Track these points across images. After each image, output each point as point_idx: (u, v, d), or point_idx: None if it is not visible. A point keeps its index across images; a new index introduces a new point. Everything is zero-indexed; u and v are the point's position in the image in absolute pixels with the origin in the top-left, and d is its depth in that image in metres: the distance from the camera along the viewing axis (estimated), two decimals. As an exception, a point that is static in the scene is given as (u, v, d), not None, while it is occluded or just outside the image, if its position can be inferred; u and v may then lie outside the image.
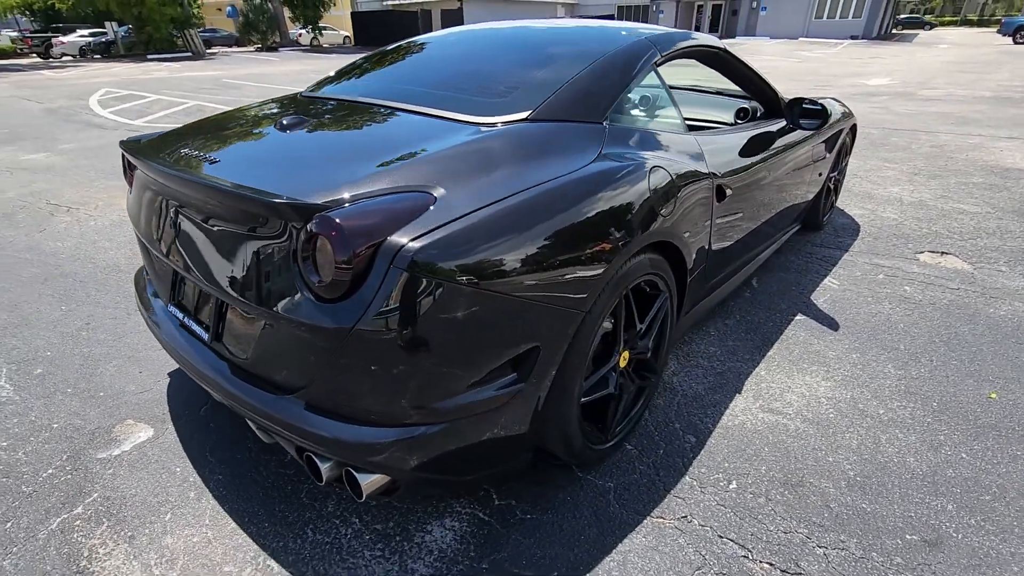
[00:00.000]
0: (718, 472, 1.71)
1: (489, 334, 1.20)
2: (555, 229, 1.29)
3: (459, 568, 1.42)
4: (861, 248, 3.33)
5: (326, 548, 1.49)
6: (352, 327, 1.10)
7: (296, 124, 1.59)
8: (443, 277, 1.11)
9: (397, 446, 1.21)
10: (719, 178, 1.91)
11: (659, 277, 1.68)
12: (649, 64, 1.84)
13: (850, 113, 3.44)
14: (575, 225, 1.32)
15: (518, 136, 1.47)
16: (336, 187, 1.19)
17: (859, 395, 2.04)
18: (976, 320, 2.52)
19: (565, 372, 1.39)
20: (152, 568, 1.43)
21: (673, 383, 2.13)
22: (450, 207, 1.19)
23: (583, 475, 1.70)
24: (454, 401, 1.22)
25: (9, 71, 17.52)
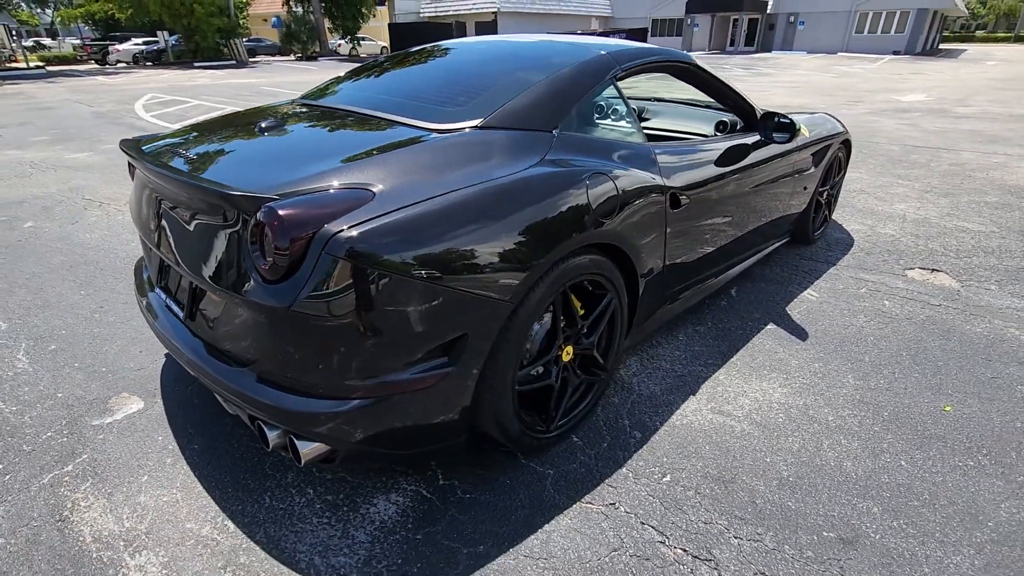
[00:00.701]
0: (655, 466, 1.79)
1: (415, 319, 1.33)
2: (485, 226, 1.41)
3: (395, 537, 1.55)
4: (849, 263, 3.33)
5: (280, 513, 1.63)
6: (289, 306, 1.25)
7: (273, 127, 1.76)
8: (371, 264, 1.25)
9: (332, 417, 1.35)
10: (674, 187, 2.00)
11: (603, 278, 1.78)
12: (607, 78, 1.95)
13: (843, 129, 3.46)
14: (505, 223, 1.44)
15: (464, 141, 1.60)
16: (287, 182, 1.35)
17: (812, 402, 2.09)
18: (949, 336, 2.52)
19: (497, 360, 1.51)
20: (124, 521, 1.60)
21: (632, 382, 2.22)
22: (386, 202, 1.33)
23: (526, 462, 1.80)
24: (384, 378, 1.35)
25: (68, 76, 18.68)
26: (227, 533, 1.56)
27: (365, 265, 1.24)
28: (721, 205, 2.34)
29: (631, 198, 1.79)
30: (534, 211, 1.50)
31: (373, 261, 1.25)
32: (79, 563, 1.46)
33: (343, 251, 1.23)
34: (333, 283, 1.24)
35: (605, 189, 1.68)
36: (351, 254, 1.23)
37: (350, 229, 1.25)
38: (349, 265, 1.23)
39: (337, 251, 1.23)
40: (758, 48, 33.76)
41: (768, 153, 2.60)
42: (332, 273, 1.23)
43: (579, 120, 1.84)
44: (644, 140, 2.02)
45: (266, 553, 1.50)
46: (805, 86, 13.89)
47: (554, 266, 1.56)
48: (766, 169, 2.59)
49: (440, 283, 1.33)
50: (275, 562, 1.48)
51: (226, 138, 1.76)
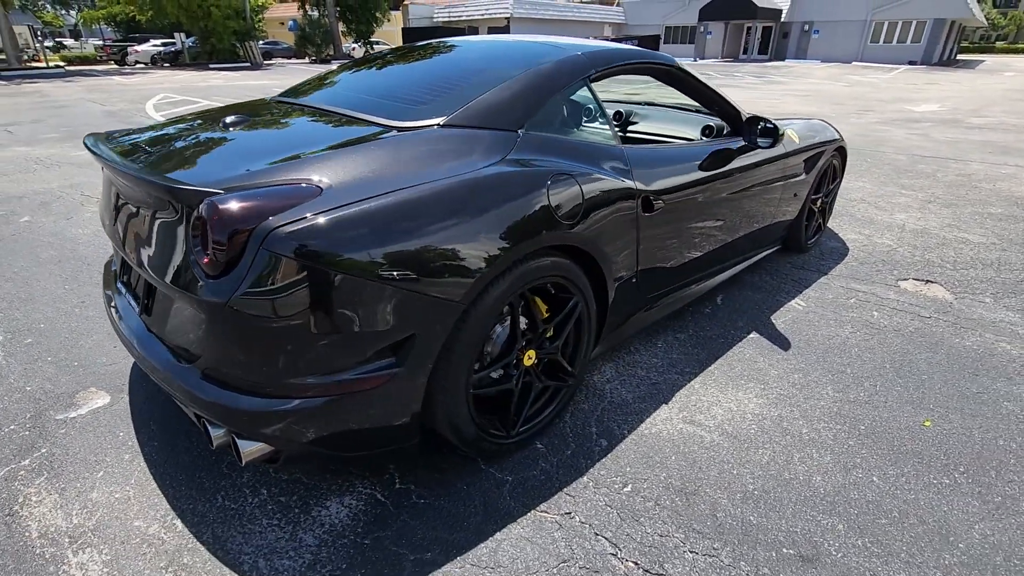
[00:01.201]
0: (617, 476, 1.74)
1: (357, 318, 1.30)
2: (435, 224, 1.38)
3: (343, 542, 1.51)
4: (841, 272, 3.26)
5: (231, 513, 1.61)
6: (227, 302, 1.23)
7: (237, 123, 1.75)
8: (309, 261, 1.22)
9: (272, 416, 1.32)
10: (647, 191, 1.96)
11: (568, 281, 1.74)
12: (580, 79, 1.92)
13: (837, 136, 3.39)
14: (456, 223, 1.41)
15: (422, 139, 1.58)
16: (234, 177, 1.33)
17: (787, 414, 2.03)
18: (937, 349, 2.45)
19: (449, 362, 1.48)
20: (72, 517, 1.58)
21: (605, 389, 2.17)
22: (332, 199, 1.30)
23: (485, 467, 1.77)
24: (325, 378, 1.32)
25: (86, 76, 19.01)
26: (174, 532, 1.54)
27: (303, 262, 1.22)
28: (700, 211, 2.29)
29: (598, 201, 1.75)
30: (488, 211, 1.47)
31: (312, 258, 1.22)
32: (21, 558, 1.45)
33: (281, 247, 1.20)
34: (270, 280, 1.21)
35: (567, 191, 1.65)
36: (289, 250, 1.21)
37: (290, 225, 1.23)
38: (287, 261, 1.21)
39: (275, 247, 1.20)
40: (771, 56, 33.56)
41: (753, 159, 2.55)
42: (269, 269, 1.21)
43: (548, 120, 1.81)
44: (618, 142, 1.98)
45: (211, 554, 1.48)
46: (816, 95, 13.75)
47: (510, 268, 1.53)
48: (750, 175, 2.54)
49: (383, 282, 1.30)
50: (218, 563, 1.45)
51: (191, 134, 1.75)
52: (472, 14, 32.03)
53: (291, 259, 1.21)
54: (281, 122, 1.82)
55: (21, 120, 9.03)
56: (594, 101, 1.98)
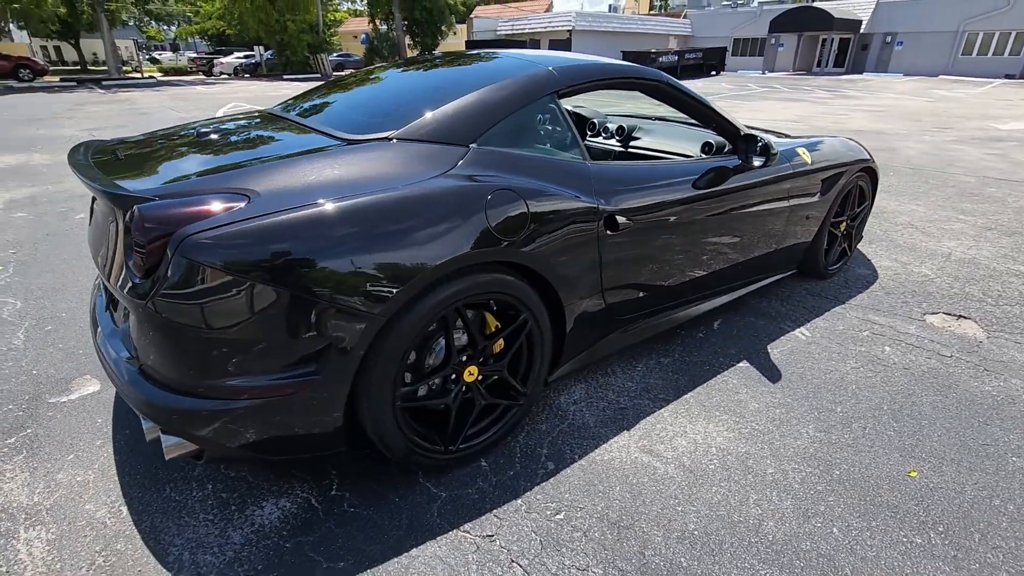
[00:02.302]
0: (554, 501, 1.68)
1: (271, 325, 1.33)
2: (358, 235, 1.39)
3: (267, 543, 1.55)
4: (862, 302, 3.03)
5: (173, 505, 1.68)
6: (146, 303, 1.29)
7: (208, 133, 1.85)
8: (222, 267, 1.27)
9: (191, 415, 1.37)
10: (612, 210, 1.90)
11: (514, 299, 1.71)
12: (546, 94, 1.89)
13: (865, 156, 3.16)
14: (382, 235, 1.42)
15: (367, 151, 1.60)
16: (169, 185, 1.40)
17: (756, 451, 1.90)
18: (948, 393, 2.22)
19: (372, 373, 1.48)
20: (34, 495, 1.70)
21: (569, 411, 2.11)
22: (259, 207, 1.35)
23: (424, 481, 1.76)
24: (240, 381, 1.36)
25: (174, 86, 20.65)
26: (118, 518, 1.63)
27: (216, 268, 1.26)
28: (682, 232, 2.20)
29: (548, 218, 1.71)
30: (417, 224, 1.47)
31: (224, 264, 1.27)
32: (-22, 529, 1.57)
33: (195, 253, 1.26)
34: (184, 283, 1.27)
35: (509, 207, 1.63)
36: (202, 256, 1.26)
37: (206, 232, 1.28)
38: (200, 267, 1.26)
39: (189, 253, 1.26)
40: (848, 69, 31.83)
41: (750, 179, 2.42)
42: (183, 273, 1.26)
43: (506, 136, 1.80)
44: (585, 159, 1.94)
45: (143, 542, 1.55)
46: (890, 110, 12.90)
47: (440, 282, 1.52)
48: (744, 195, 2.41)
49: (299, 291, 1.33)
50: (147, 552, 1.52)
51: (163, 144, 1.86)
52: (535, 27, 32.37)
53: (204, 265, 1.26)
54: (250, 134, 1.91)
55: (106, 126, 9.92)
56: (563, 117, 1.94)
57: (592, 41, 31.35)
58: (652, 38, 34.16)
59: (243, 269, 1.28)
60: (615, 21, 33.22)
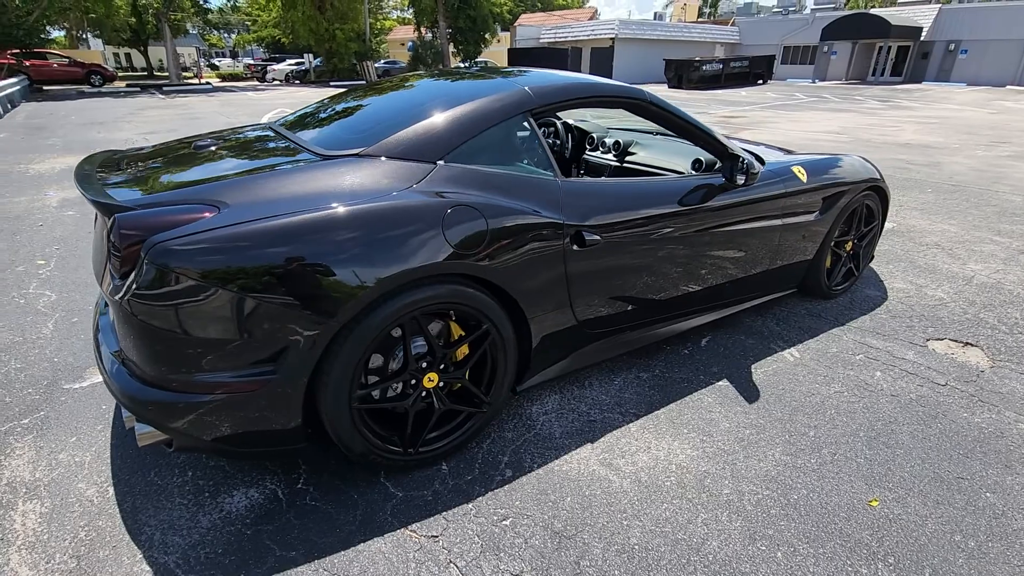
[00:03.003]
0: (503, 508, 1.74)
1: (231, 327, 1.45)
2: (318, 245, 1.49)
3: (230, 529, 1.66)
4: (862, 324, 2.95)
5: (154, 488, 1.82)
6: (122, 302, 1.43)
7: (204, 146, 2.00)
8: (186, 272, 1.39)
9: (161, 407, 1.50)
10: (581, 226, 1.95)
11: (474, 310, 1.78)
12: (518, 113, 1.96)
13: (873, 174, 3.08)
14: (340, 246, 1.52)
15: (335, 167, 1.71)
16: (153, 195, 1.55)
17: (716, 470, 1.90)
18: (933, 422, 2.15)
19: (329, 375, 1.58)
20: (36, 472, 1.88)
21: (538, 420, 2.16)
22: (227, 218, 1.47)
23: (383, 480, 1.84)
24: (204, 377, 1.48)
25: (227, 91, 21.71)
26: (105, 498, 1.78)
27: (181, 272, 1.39)
28: (659, 249, 2.22)
29: (509, 233, 1.78)
30: (375, 236, 1.56)
31: (189, 269, 1.39)
32: (-18, 499, 1.75)
33: (162, 258, 1.38)
34: (153, 285, 1.40)
35: (468, 222, 1.70)
36: (168, 261, 1.38)
37: (175, 240, 1.40)
38: (167, 271, 1.39)
39: (157, 258, 1.39)
40: (906, 78, 30.47)
41: (736, 197, 2.41)
42: (153, 277, 1.39)
43: (475, 153, 1.87)
44: (556, 175, 1.99)
45: (122, 521, 1.69)
46: (946, 122, 12.32)
47: (395, 293, 1.60)
48: (730, 213, 2.40)
49: (259, 296, 1.44)
50: (123, 531, 1.66)
51: (164, 154, 2.02)
52: (577, 35, 32.41)
53: (171, 269, 1.39)
54: (240, 148, 2.05)
55: (159, 129, 10.55)
56: (535, 135, 2.00)
57: (635, 49, 31.13)
58: (698, 46, 33.63)
59: (206, 274, 1.40)
60: (659, 29, 32.89)
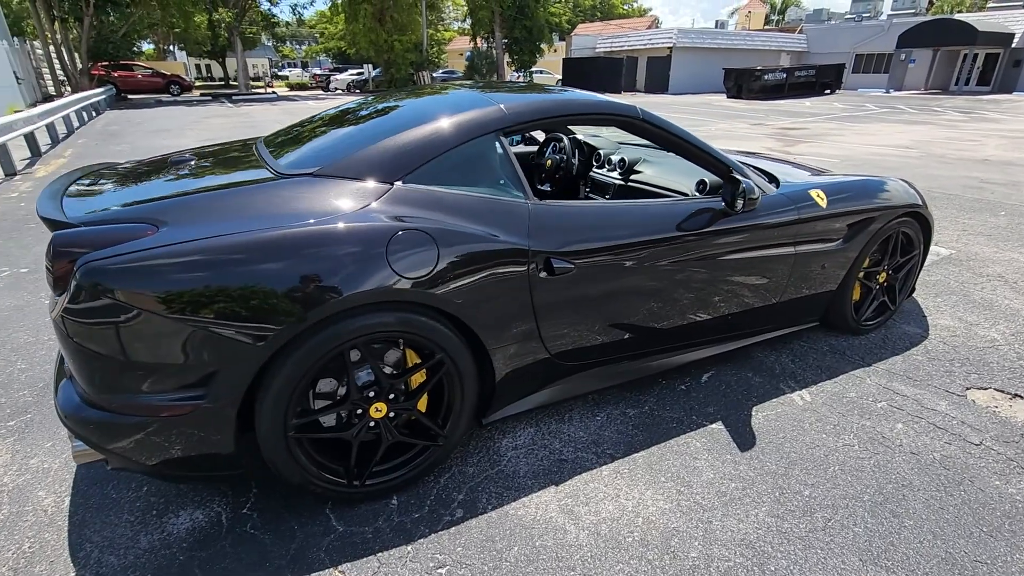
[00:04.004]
0: (443, 554, 1.62)
1: (158, 349, 1.41)
2: (247, 269, 1.44)
3: (165, 552, 1.63)
4: (892, 367, 2.64)
5: (107, 503, 1.82)
6: (55, 319, 1.43)
7: (178, 162, 2.01)
8: (112, 292, 1.37)
9: (90, 425, 1.49)
10: (551, 253, 1.82)
11: (426, 339, 1.68)
12: (488, 133, 1.86)
13: (913, 200, 2.76)
14: (276, 269, 1.46)
15: (286, 187, 1.66)
16: (98, 214, 1.54)
17: (687, 529, 1.71)
18: (955, 489, 1.86)
19: (262, 402, 1.52)
20: (5, 476, 1.93)
21: (505, 456, 2.03)
22: (161, 239, 1.44)
23: (329, 513, 1.77)
24: (136, 399, 1.45)
25: (290, 101, 22.75)
26: (59, 509, 1.80)
27: (106, 291, 1.37)
28: (645, 279, 2.05)
29: (464, 259, 1.67)
30: (309, 261, 1.49)
31: (115, 289, 1.37)
32: (-53, 502, 1.80)
33: (88, 277, 1.37)
34: (80, 303, 1.38)
35: (417, 247, 1.60)
36: (95, 280, 1.37)
37: (104, 259, 1.38)
38: (92, 290, 1.37)
39: (84, 277, 1.37)
40: (995, 88, 28.15)
41: (736, 223, 2.20)
42: (80, 295, 1.38)
43: (438, 173, 1.78)
44: (527, 198, 1.87)
45: (67, 535, 1.70)
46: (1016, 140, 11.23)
47: (335, 319, 1.53)
48: (729, 241, 2.20)
49: (186, 320, 1.40)
50: (65, 546, 1.66)
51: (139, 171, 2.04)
52: (634, 44, 31.91)
53: (97, 288, 1.37)
54: (209, 164, 2.05)
55: (218, 137, 11.13)
56: (506, 155, 1.89)
57: (694, 59, 30.33)
58: (761, 54, 32.40)
59: (133, 294, 1.38)
60: (720, 37, 31.91)
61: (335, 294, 1.50)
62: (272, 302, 1.45)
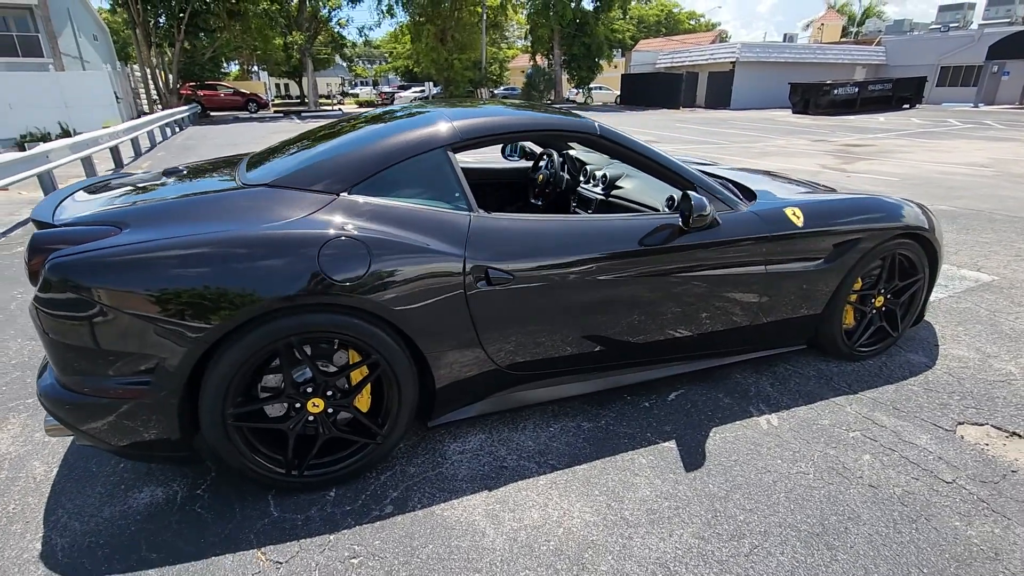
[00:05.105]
0: (361, 546, 1.70)
1: (107, 336, 1.59)
2: (192, 268, 1.60)
3: (121, 523, 1.80)
4: (880, 396, 2.49)
5: (87, 475, 2.03)
6: (30, 309, 1.64)
7: (171, 172, 2.24)
8: (72, 286, 1.56)
9: (57, 403, 1.69)
10: (488, 265, 1.88)
11: (360, 341, 1.79)
12: (434, 147, 1.95)
13: (908, 220, 2.60)
14: (213, 270, 1.61)
15: (241, 197, 1.83)
16: (79, 216, 1.76)
17: (605, 542, 1.71)
18: (906, 529, 1.75)
19: (203, 390, 1.67)
20: (12, 445, 2.19)
21: (449, 459, 2.10)
22: (121, 239, 1.63)
23: (271, 499, 1.89)
24: (89, 380, 1.64)
25: (355, 116, 23.92)
26: (47, 478, 2.02)
27: (68, 284, 1.56)
28: (596, 293, 2.06)
29: (396, 266, 1.77)
30: (246, 262, 1.63)
31: (75, 282, 1.56)
32: (-41, 464, 2.07)
33: (53, 272, 1.57)
34: (46, 295, 1.58)
35: (349, 253, 1.71)
36: (58, 275, 1.56)
37: (68, 256, 1.58)
38: (57, 283, 1.56)
39: (50, 271, 1.57)
40: (1104, 102, 25.49)
41: (697, 239, 2.17)
42: (47, 287, 1.58)
43: (383, 186, 1.89)
44: (471, 210, 1.94)
45: (47, 500, 1.91)
46: None
47: (270, 317, 1.66)
48: (688, 257, 2.17)
49: (133, 311, 1.57)
50: (42, 510, 1.87)
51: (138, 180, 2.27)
52: (695, 59, 31.33)
53: (61, 281, 1.56)
54: (195, 176, 2.25)
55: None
56: (452, 170, 1.97)
57: (758, 73, 29.40)
58: (833, 68, 30.95)
59: (88, 288, 1.56)
60: (787, 51, 30.76)
61: (266, 294, 1.63)
62: (207, 300, 1.60)
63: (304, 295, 1.67)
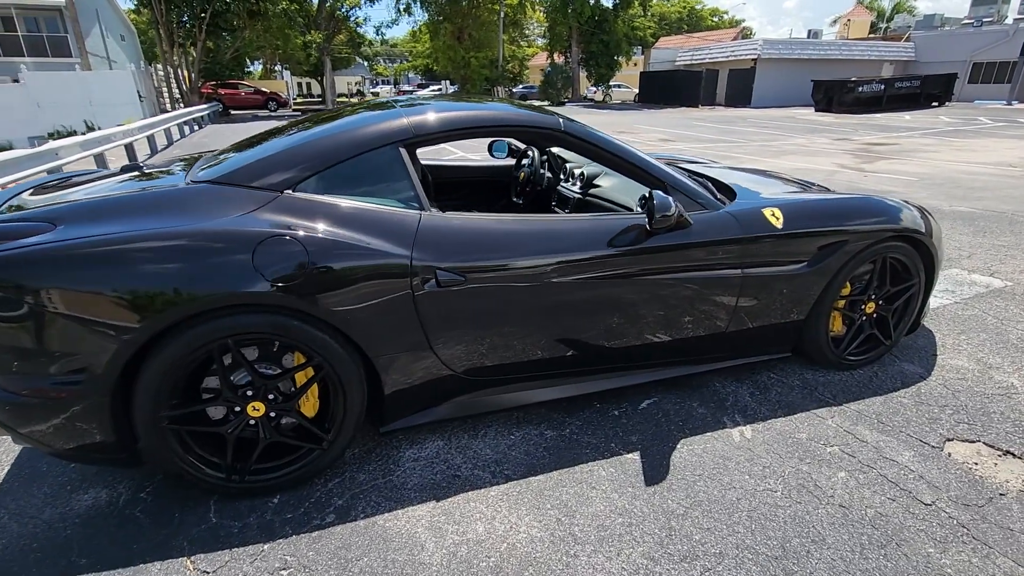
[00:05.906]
0: (292, 556, 1.64)
1: (37, 335, 1.55)
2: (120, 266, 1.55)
3: (59, 525, 1.77)
4: (865, 408, 2.34)
5: (38, 475, 2.01)
6: (-36, 306, 1.61)
7: (128, 169, 2.21)
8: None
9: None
10: (436, 265, 1.80)
11: (301, 344, 1.73)
12: (386, 144, 1.88)
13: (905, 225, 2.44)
14: (144, 270, 1.56)
15: (182, 194, 1.78)
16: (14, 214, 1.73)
17: (548, 560, 1.62)
18: (872, 555, 1.62)
19: (134, 391, 1.63)
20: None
21: (402, 467, 2.03)
22: (50, 237, 1.59)
23: (212, 504, 1.84)
24: (21, 379, 1.60)
25: (371, 115, 24.05)
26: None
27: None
28: (555, 296, 1.97)
29: (337, 267, 1.70)
30: (177, 260, 1.58)
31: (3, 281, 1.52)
32: (-87, 460, 2.07)
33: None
34: (-25, 292, 1.55)
35: (285, 253, 1.65)
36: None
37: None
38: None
39: (-25, 269, 1.54)
40: None
41: (671, 240, 2.06)
42: (-25, 285, 1.55)
43: (330, 183, 1.83)
44: (423, 209, 1.87)
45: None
46: None
47: (203, 317, 1.60)
48: (654, 259, 2.06)
49: (60, 310, 1.53)
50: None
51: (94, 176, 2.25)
52: (716, 56, 30.77)
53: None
54: (149, 172, 2.22)
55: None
56: (405, 167, 1.90)
57: (780, 70, 28.74)
58: (859, 65, 30.12)
59: (15, 285, 1.52)
60: (810, 47, 30.00)
61: (197, 293, 1.58)
62: (135, 299, 1.55)
63: (236, 295, 1.62)
